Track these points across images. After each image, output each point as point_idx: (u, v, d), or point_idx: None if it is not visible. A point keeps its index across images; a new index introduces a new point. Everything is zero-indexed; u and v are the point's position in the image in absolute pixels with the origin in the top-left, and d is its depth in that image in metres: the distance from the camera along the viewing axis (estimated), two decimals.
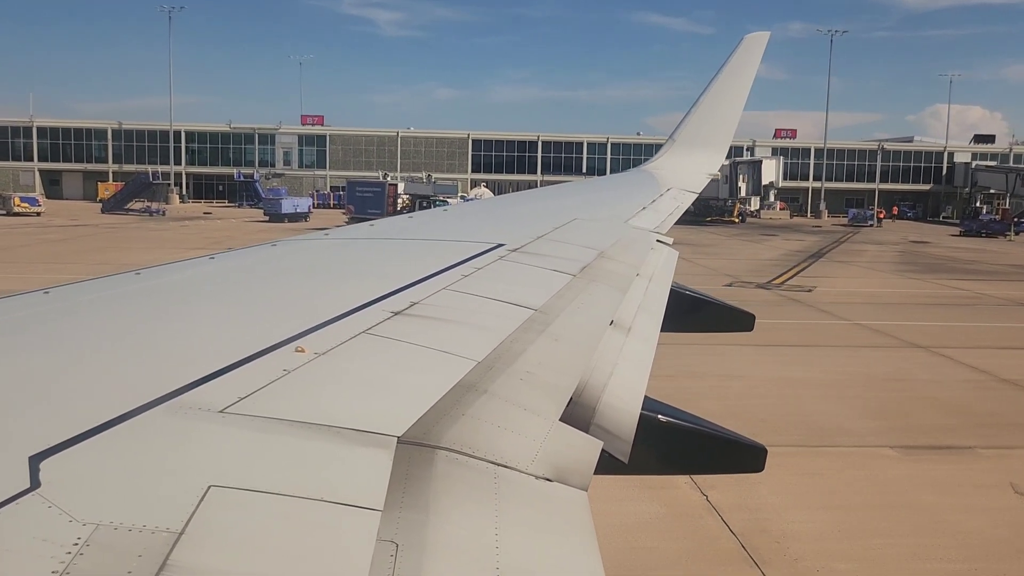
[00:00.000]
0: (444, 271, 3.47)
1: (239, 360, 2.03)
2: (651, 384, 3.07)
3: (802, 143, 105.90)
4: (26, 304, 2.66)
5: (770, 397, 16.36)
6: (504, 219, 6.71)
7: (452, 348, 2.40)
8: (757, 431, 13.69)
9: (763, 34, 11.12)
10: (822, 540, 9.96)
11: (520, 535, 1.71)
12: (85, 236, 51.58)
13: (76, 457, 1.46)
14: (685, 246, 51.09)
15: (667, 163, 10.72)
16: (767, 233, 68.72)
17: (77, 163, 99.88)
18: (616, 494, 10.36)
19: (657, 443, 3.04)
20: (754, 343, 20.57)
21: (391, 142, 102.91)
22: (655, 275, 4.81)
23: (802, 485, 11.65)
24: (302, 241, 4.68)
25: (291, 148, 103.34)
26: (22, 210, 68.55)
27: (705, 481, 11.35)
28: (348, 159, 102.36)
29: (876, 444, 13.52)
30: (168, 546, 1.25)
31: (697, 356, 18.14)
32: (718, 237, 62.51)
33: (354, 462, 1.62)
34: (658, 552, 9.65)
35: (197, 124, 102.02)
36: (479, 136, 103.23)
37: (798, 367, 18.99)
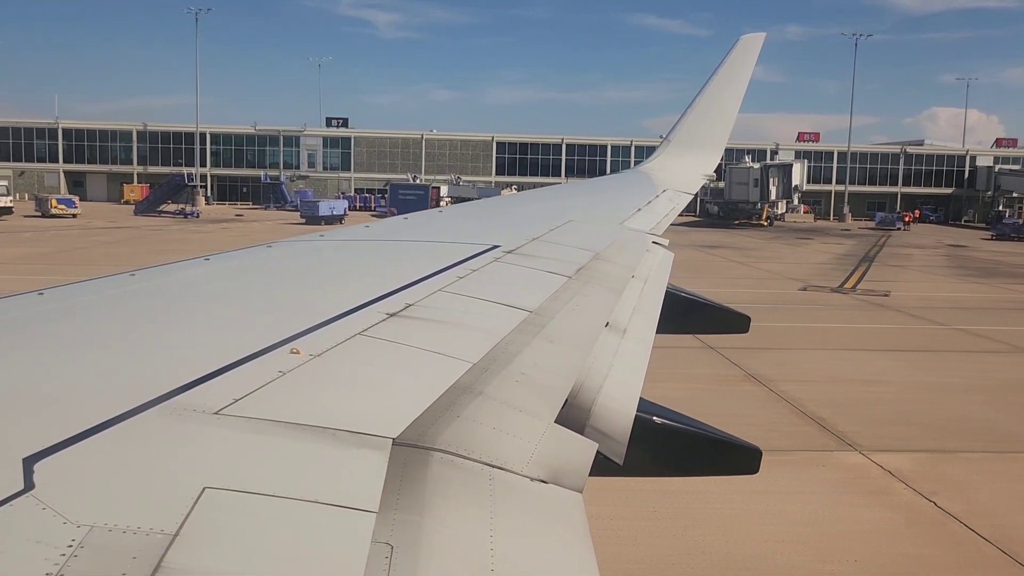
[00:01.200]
0: (439, 273, 3.47)
1: (234, 361, 2.03)
2: (814, 390, 3.05)
3: (824, 147, 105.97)
4: (21, 305, 2.66)
5: (926, 403, 16.38)
6: (499, 221, 6.71)
7: (447, 350, 2.40)
8: (944, 440, 13.90)
9: (759, 35, 11.14)
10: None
11: (515, 537, 1.71)
12: (135, 239, 50.92)
13: (70, 459, 1.46)
14: (731, 249, 50.30)
15: (663, 164, 10.73)
16: (802, 237, 68.42)
17: (102, 165, 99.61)
18: (842, 499, 10.80)
19: (652, 445, 3.05)
20: (874, 348, 21.45)
21: (415, 144, 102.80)
22: (650, 277, 4.81)
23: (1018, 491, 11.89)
24: (297, 243, 4.68)
25: (316, 150, 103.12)
26: (59, 212, 68.02)
27: (924, 487, 11.68)
28: (372, 161, 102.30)
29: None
30: (163, 548, 1.24)
31: (834, 361, 18.90)
32: (756, 240, 62.36)
33: (349, 464, 1.62)
34: (924, 560, 9.76)
35: (222, 126, 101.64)
36: (503, 139, 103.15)
37: (935, 372, 19.13)
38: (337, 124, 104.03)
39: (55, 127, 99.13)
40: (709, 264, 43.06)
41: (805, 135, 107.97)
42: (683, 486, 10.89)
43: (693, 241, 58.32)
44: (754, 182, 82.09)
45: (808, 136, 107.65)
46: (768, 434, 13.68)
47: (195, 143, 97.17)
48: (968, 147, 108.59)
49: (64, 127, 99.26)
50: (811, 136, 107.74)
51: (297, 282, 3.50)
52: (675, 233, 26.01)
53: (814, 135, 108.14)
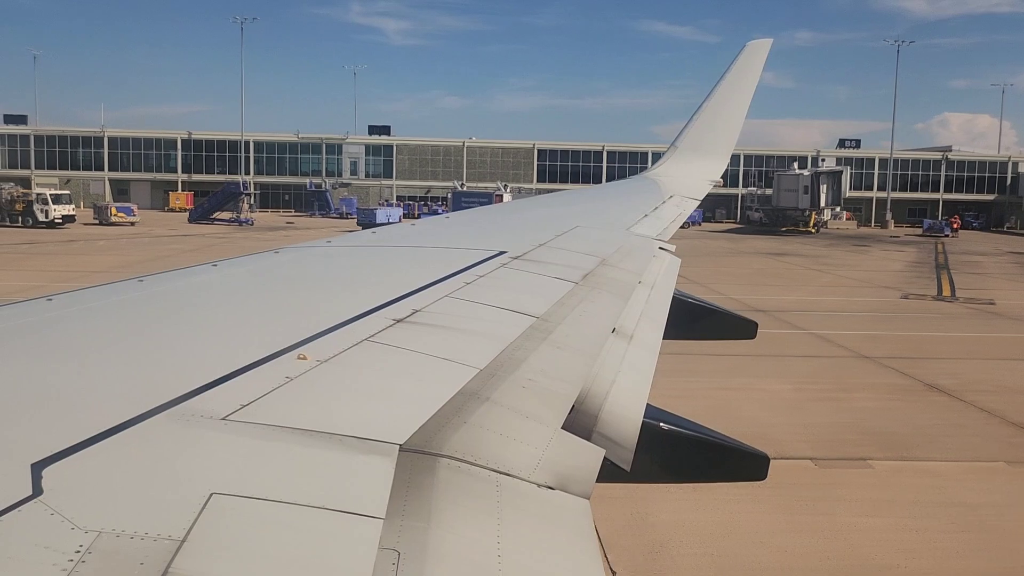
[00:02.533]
0: (446, 278, 3.47)
1: (241, 367, 2.03)
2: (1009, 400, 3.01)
3: (866, 153, 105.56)
4: (29, 311, 2.67)
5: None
6: (506, 227, 6.71)
7: (454, 356, 2.40)
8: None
9: (765, 41, 11.13)
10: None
11: (522, 543, 1.71)
12: (211, 247, 50.51)
13: (78, 464, 1.47)
14: (799, 257, 49.93)
15: (670, 170, 10.72)
16: (858, 244, 67.87)
17: (146, 172, 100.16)
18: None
19: (659, 451, 3.04)
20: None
21: (456, 152, 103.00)
22: (657, 282, 4.81)
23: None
24: (305, 249, 4.69)
25: (358, 158, 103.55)
26: (119, 219, 68.38)
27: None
28: (414, 169, 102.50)
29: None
30: (170, 554, 1.25)
31: (1004, 372, 19.01)
32: (816, 247, 62.02)
33: (356, 470, 1.62)
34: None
35: (265, 134, 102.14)
36: (544, 146, 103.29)
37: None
38: (379, 132, 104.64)
39: (101, 136, 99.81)
40: (789, 272, 42.93)
41: (847, 141, 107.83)
42: None
43: (754, 248, 58.13)
44: (804, 189, 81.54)
45: (850, 142, 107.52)
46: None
47: (239, 151, 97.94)
48: (1009, 154, 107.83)
49: (110, 135, 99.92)
50: (852, 142, 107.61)
51: (304, 288, 3.51)
52: (728, 240, 26.43)
53: (855, 141, 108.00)
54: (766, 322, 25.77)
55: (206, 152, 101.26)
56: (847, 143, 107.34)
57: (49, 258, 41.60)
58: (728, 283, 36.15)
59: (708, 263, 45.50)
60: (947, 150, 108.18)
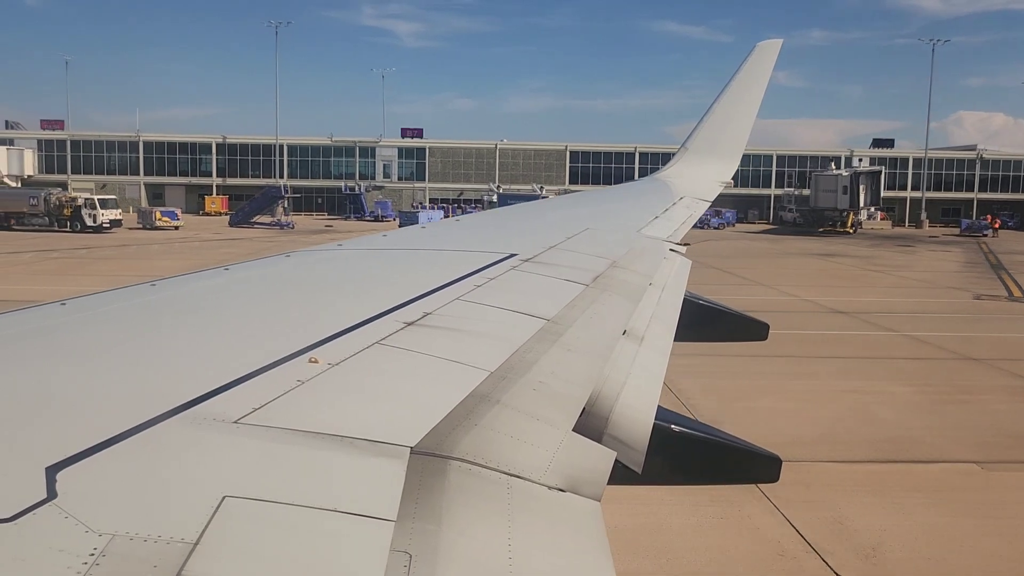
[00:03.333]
0: (457, 281, 3.47)
1: (253, 371, 2.04)
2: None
3: (899, 152, 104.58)
4: (44, 316, 2.69)
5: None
6: (516, 229, 6.72)
7: (465, 358, 2.40)
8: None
9: (775, 41, 11.10)
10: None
11: (533, 545, 1.71)
12: (263, 251, 50.04)
13: (92, 467, 1.48)
14: (849, 258, 49.40)
15: (680, 171, 10.70)
16: (900, 244, 67.20)
17: (181, 177, 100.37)
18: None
19: (671, 453, 3.03)
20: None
21: (489, 154, 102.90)
22: (668, 284, 4.80)
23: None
24: (316, 252, 4.70)
25: (391, 161, 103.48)
26: (163, 224, 68.82)
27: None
28: (447, 171, 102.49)
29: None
30: (183, 557, 1.25)
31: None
32: (861, 248, 61.61)
33: (367, 472, 1.63)
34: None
35: (299, 138, 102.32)
36: (576, 147, 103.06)
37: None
38: (411, 135, 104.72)
39: (136, 140, 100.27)
40: (847, 273, 42.57)
41: (880, 141, 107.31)
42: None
43: (800, 249, 57.83)
44: (843, 189, 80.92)
45: (883, 142, 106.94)
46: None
47: (273, 154, 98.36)
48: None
49: (145, 140, 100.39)
50: (886, 142, 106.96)
51: (316, 291, 3.52)
52: (768, 241, 26.41)
53: (888, 141, 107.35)
54: (854, 324, 26.09)
55: (240, 156, 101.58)
56: (880, 143, 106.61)
57: (112, 263, 41.75)
58: (793, 285, 36.10)
59: (763, 265, 45.42)
60: (971, 149, 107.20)
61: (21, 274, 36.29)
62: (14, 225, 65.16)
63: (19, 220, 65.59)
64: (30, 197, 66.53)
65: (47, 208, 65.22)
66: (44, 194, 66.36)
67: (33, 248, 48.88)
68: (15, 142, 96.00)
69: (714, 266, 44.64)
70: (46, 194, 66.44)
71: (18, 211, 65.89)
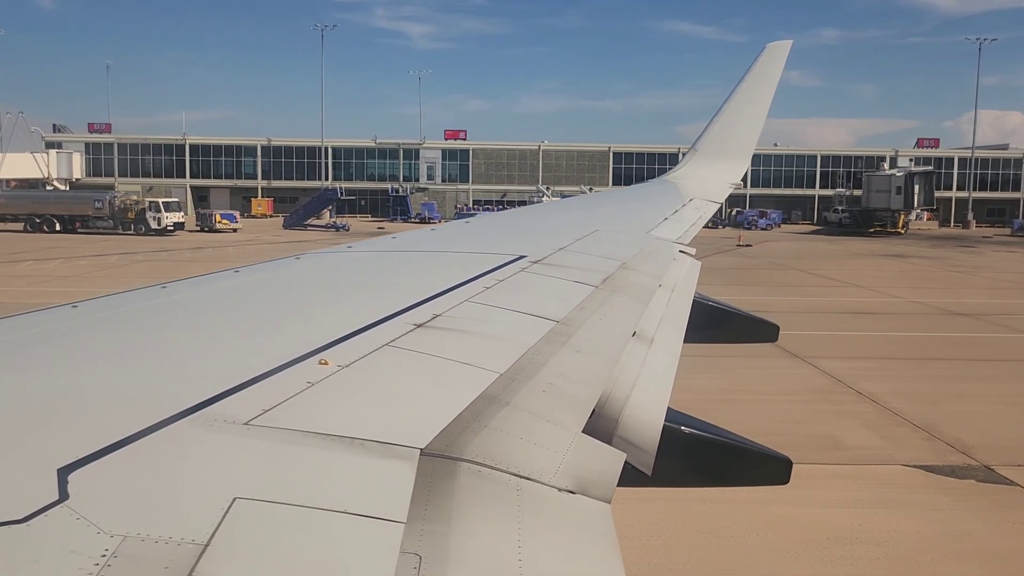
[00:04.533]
0: (466, 283, 3.48)
1: (264, 373, 2.04)
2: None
3: (944, 152, 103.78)
4: (55, 318, 2.70)
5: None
6: (525, 231, 6.72)
7: (474, 360, 2.40)
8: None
9: (785, 43, 11.07)
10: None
11: (543, 547, 1.70)
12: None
13: (104, 469, 1.48)
14: (917, 258, 48.68)
15: (690, 173, 10.68)
16: (961, 245, 66.45)
17: (227, 179, 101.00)
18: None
19: (681, 455, 3.02)
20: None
21: (532, 155, 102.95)
22: (677, 286, 4.79)
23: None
24: (325, 255, 4.71)
25: (435, 163, 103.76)
26: (223, 227, 69.57)
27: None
28: (490, 172, 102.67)
29: None
30: (194, 558, 1.26)
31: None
32: (922, 248, 61.18)
33: (377, 474, 1.63)
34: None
35: (344, 140, 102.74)
36: (619, 148, 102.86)
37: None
38: (455, 136, 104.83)
39: (182, 143, 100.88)
40: (931, 274, 42.07)
41: (924, 141, 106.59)
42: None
43: (865, 250, 57.39)
44: (896, 189, 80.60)
45: (927, 142, 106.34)
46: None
47: (319, 157, 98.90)
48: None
49: (191, 143, 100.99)
50: (931, 142, 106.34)
51: (325, 293, 3.53)
52: (826, 242, 26.83)
53: (934, 141, 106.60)
54: (984, 327, 25.52)
55: (285, 158, 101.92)
56: (925, 143, 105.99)
57: (198, 265, 41.59)
58: (890, 286, 35.83)
59: (841, 266, 45.15)
60: (1002, 148, 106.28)
61: (122, 276, 36.39)
62: (79, 228, 65.71)
63: (84, 223, 66.17)
64: (95, 200, 67.16)
65: (112, 211, 65.82)
66: (109, 197, 67.12)
67: (112, 251, 49.21)
68: (63, 145, 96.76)
69: (794, 267, 44.64)
70: (111, 197, 67.18)
71: (83, 214, 66.51)
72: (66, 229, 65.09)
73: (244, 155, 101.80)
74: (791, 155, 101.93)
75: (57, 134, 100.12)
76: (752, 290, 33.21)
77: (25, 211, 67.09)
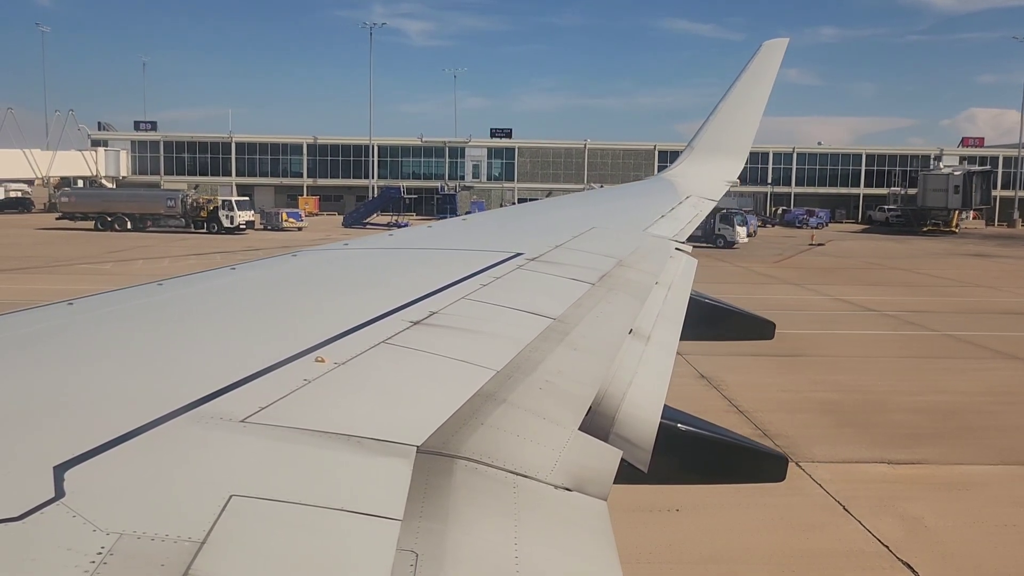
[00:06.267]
0: (463, 280, 3.48)
1: (260, 370, 2.04)
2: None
3: (989, 151, 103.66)
4: (51, 315, 2.70)
5: None
6: (522, 229, 6.71)
7: (471, 357, 2.40)
8: None
9: (782, 41, 11.07)
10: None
11: (539, 544, 1.71)
12: None
13: (100, 466, 1.48)
14: (999, 258, 48.21)
15: (686, 170, 10.69)
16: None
17: (273, 177, 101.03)
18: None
19: (677, 452, 3.03)
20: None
21: (578, 154, 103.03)
22: (674, 283, 4.79)
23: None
24: (322, 252, 4.71)
25: (480, 161, 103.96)
26: (289, 225, 69.35)
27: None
28: (535, 171, 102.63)
29: None
30: (190, 555, 1.26)
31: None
32: (990, 247, 61.22)
33: (374, 472, 1.63)
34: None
35: (390, 138, 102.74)
36: (665, 147, 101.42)
37: None
38: (501, 135, 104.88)
39: (228, 141, 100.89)
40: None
41: (969, 140, 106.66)
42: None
43: (942, 250, 57.20)
44: (954, 188, 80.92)
45: (973, 141, 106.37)
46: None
47: (363, 155, 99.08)
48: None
49: (237, 141, 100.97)
50: (976, 141, 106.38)
51: (322, 291, 3.52)
52: (892, 241, 27.62)
53: (979, 140, 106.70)
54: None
55: (331, 157, 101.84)
56: (970, 141, 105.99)
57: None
58: (1010, 286, 35.87)
59: (939, 266, 44.86)
60: (1016, 147, 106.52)
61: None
62: (150, 227, 65.51)
63: (155, 221, 65.98)
64: (167, 199, 67.05)
65: (184, 209, 65.52)
66: (181, 196, 66.88)
67: (206, 250, 48.88)
68: (108, 143, 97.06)
69: (892, 267, 44.43)
70: (183, 196, 66.94)
71: (155, 212, 66.28)
72: (136, 228, 64.84)
73: (290, 153, 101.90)
74: (835, 154, 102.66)
75: (102, 132, 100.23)
76: (884, 291, 33.57)
77: (95, 209, 66.64)
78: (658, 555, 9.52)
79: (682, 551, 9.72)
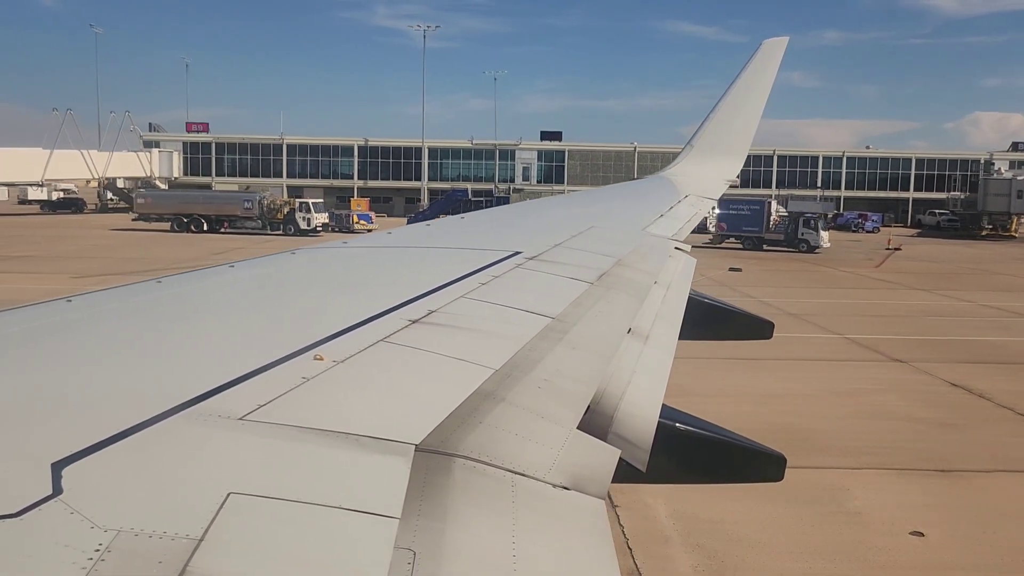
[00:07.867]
0: (461, 279, 3.47)
1: (258, 368, 2.04)
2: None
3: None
4: (49, 312, 2.69)
5: None
6: (521, 227, 6.71)
7: (470, 356, 2.40)
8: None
9: (782, 39, 11.07)
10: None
11: (537, 543, 1.71)
12: None
13: (97, 464, 1.48)
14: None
15: (685, 169, 10.68)
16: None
17: (323, 179, 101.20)
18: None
19: (675, 451, 3.03)
20: None
21: (628, 156, 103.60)
22: (673, 283, 4.79)
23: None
24: (321, 250, 4.71)
25: (530, 164, 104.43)
26: (359, 227, 68.77)
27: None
28: (585, 174, 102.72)
29: None
30: (188, 553, 1.26)
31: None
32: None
33: (372, 470, 1.63)
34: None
35: (441, 141, 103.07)
36: None
37: None
38: (550, 138, 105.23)
39: (280, 143, 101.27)
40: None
41: (1021, 144, 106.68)
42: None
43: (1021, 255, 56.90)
44: (1018, 193, 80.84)
45: (1022, 145, 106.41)
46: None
47: (413, 157, 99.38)
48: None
49: (288, 143, 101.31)
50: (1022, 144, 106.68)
51: (320, 289, 3.52)
52: (961, 246, 30.85)
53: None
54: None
55: (381, 159, 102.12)
56: (1020, 146, 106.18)
57: None
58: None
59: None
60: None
61: None
62: (226, 228, 65.57)
63: (231, 223, 66.10)
64: (244, 200, 67.35)
65: (261, 211, 65.62)
66: (259, 197, 67.00)
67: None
68: (161, 144, 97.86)
69: (1001, 272, 44.19)
70: (260, 197, 67.02)
71: (231, 214, 66.50)
72: (212, 229, 64.87)
73: (341, 155, 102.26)
74: (885, 158, 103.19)
75: (155, 133, 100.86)
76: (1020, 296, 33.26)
77: (172, 211, 66.83)
78: None
79: None
